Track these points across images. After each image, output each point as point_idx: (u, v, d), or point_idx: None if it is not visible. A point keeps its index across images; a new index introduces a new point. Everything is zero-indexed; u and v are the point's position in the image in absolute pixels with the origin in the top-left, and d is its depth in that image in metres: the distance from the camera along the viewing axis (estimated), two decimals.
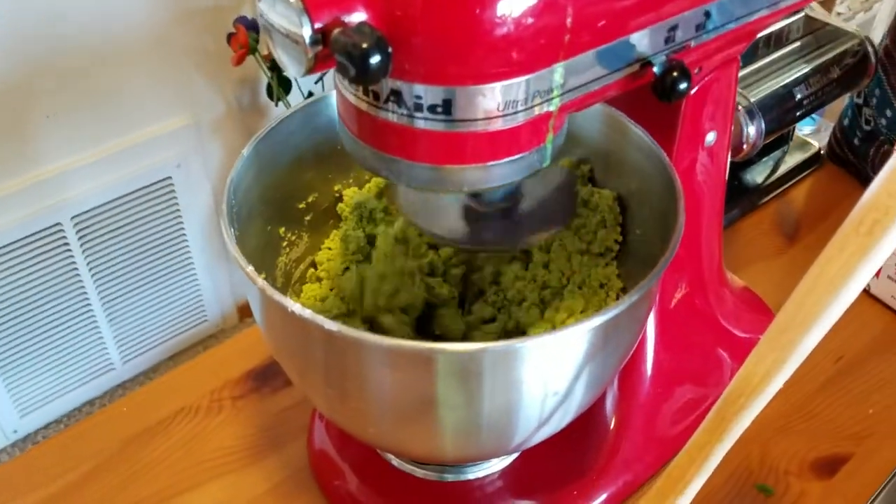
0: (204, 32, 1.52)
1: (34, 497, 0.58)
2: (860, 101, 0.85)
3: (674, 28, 0.44)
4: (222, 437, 0.62)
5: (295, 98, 1.57)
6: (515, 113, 0.39)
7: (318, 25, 0.35)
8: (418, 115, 0.39)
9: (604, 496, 0.58)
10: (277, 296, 0.41)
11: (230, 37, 1.46)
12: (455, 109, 0.38)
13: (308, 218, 0.59)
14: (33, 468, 0.60)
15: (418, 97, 0.38)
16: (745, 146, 0.72)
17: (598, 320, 0.41)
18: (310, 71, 0.37)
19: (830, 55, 0.78)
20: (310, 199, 0.58)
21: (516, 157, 0.41)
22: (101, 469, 0.60)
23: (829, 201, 0.86)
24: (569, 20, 0.38)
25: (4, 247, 1.43)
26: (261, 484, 0.59)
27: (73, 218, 1.50)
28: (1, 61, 1.31)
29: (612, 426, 0.60)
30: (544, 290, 0.55)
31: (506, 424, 0.45)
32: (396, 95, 0.38)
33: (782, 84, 0.74)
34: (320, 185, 0.59)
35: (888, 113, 0.81)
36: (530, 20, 0.37)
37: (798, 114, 0.75)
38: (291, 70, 0.37)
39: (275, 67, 1.50)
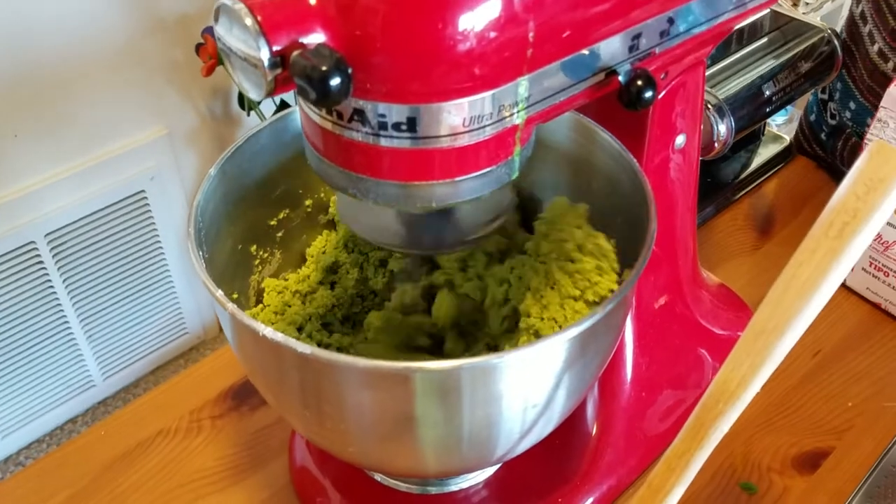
0: (173, 44, 1.51)
1: None
2: (825, 96, 0.86)
3: (637, 36, 0.44)
4: (203, 458, 0.62)
5: (267, 107, 1.56)
6: (481, 128, 0.39)
7: (276, 48, 0.35)
8: (383, 133, 0.38)
9: (588, 501, 0.58)
10: (248, 320, 0.41)
11: (199, 47, 1.44)
12: (420, 127, 0.38)
13: (280, 234, 0.58)
14: (12, 498, 0.59)
15: (382, 116, 0.38)
16: (716, 144, 0.72)
17: (574, 331, 0.40)
18: (270, 94, 0.36)
19: (798, 50, 0.78)
20: (281, 216, 0.58)
21: (484, 171, 0.41)
22: (80, 496, 0.59)
23: (802, 195, 0.86)
24: (531, 34, 0.38)
25: None
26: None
27: (46, 235, 1.48)
28: None
29: (594, 431, 0.60)
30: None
31: (487, 438, 0.44)
32: (360, 114, 0.38)
33: (751, 81, 0.74)
34: (291, 201, 0.58)
35: (852, 105, 0.81)
36: (492, 35, 0.36)
37: (768, 110, 0.76)
38: (251, 94, 0.37)
39: None
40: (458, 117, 0.38)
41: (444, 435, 0.44)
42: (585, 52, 0.42)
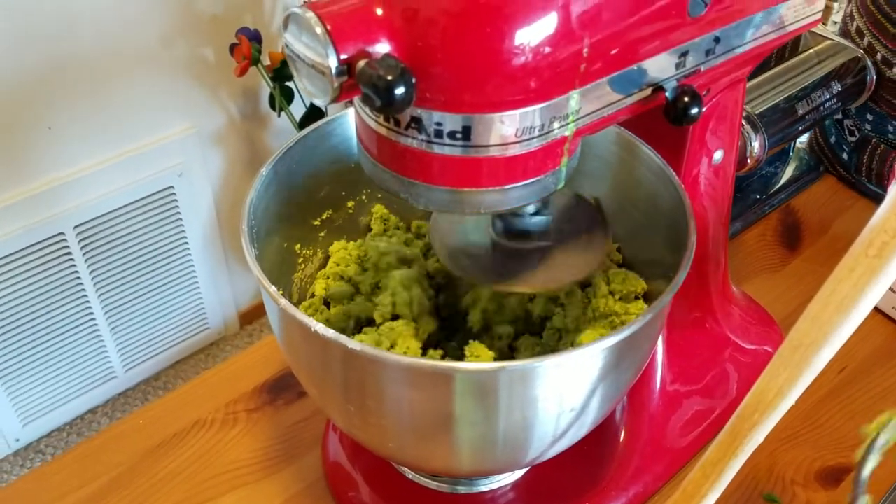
0: (206, 43, 1.53)
1: None
2: (839, 115, 0.87)
3: (685, 54, 0.45)
4: (238, 450, 0.63)
5: (296, 109, 1.58)
6: (532, 139, 0.40)
7: (343, 56, 0.37)
8: (438, 140, 0.40)
9: None
10: (300, 315, 0.42)
11: (233, 48, 1.47)
12: (474, 136, 0.39)
13: (322, 234, 0.60)
14: (51, 482, 0.61)
15: (438, 124, 0.39)
16: (749, 160, 0.73)
17: (612, 339, 0.42)
18: (335, 100, 0.38)
19: (831, 70, 0.79)
20: (324, 216, 0.59)
21: (532, 180, 0.42)
22: (118, 482, 0.61)
23: (830, 212, 0.87)
24: (585, 50, 0.39)
25: (7, 256, 1.44)
26: (276, 496, 0.60)
27: (75, 227, 1.51)
28: (4, 72, 1.32)
29: (622, 438, 0.61)
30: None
31: (521, 440, 0.46)
32: (417, 122, 0.40)
33: (785, 99, 0.75)
34: (334, 203, 0.60)
35: (869, 116, 0.83)
36: (548, 50, 0.38)
37: (800, 128, 0.77)
38: (317, 99, 0.39)
39: (277, 78, 1.51)
40: (511, 128, 0.39)
41: (480, 435, 0.45)
42: (634, 67, 0.43)
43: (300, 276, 0.58)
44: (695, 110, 0.44)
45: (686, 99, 0.44)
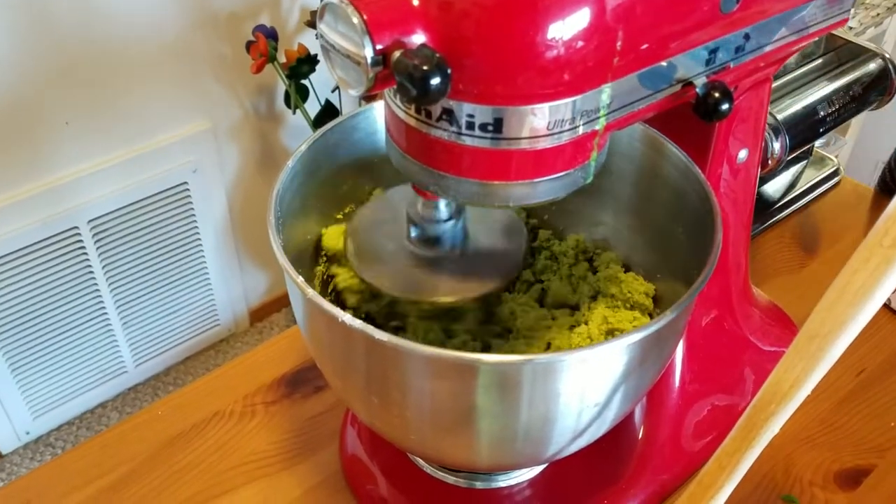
0: (222, 39, 1.54)
1: (71, 500, 0.59)
2: None
3: (715, 50, 0.45)
4: (256, 442, 0.63)
5: (311, 106, 1.58)
6: (563, 132, 0.40)
7: (379, 47, 0.37)
8: (469, 132, 0.40)
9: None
10: (328, 305, 0.42)
11: (249, 45, 1.47)
12: (505, 128, 0.40)
13: (345, 227, 0.60)
14: (70, 470, 0.61)
15: (470, 116, 0.39)
16: (770, 161, 0.73)
17: (637, 336, 0.42)
18: (369, 90, 0.38)
19: (852, 73, 0.79)
20: (346, 210, 0.59)
21: (562, 174, 0.42)
22: (138, 472, 0.61)
23: (849, 217, 0.87)
24: (618, 44, 0.39)
25: (21, 249, 1.45)
26: (294, 489, 0.60)
27: (89, 222, 1.51)
28: (22, 67, 1.33)
29: (640, 437, 0.61)
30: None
31: (542, 435, 0.46)
32: (448, 114, 0.40)
33: (806, 101, 0.75)
34: (357, 197, 0.60)
35: None
36: (581, 43, 0.38)
37: (821, 130, 0.77)
38: (351, 89, 0.39)
39: (293, 76, 1.51)
40: (543, 121, 0.40)
41: (501, 427, 0.45)
42: (665, 63, 0.43)
43: (322, 269, 0.58)
44: (725, 106, 0.44)
45: (717, 94, 0.44)
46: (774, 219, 0.85)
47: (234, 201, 1.74)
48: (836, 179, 0.91)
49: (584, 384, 0.43)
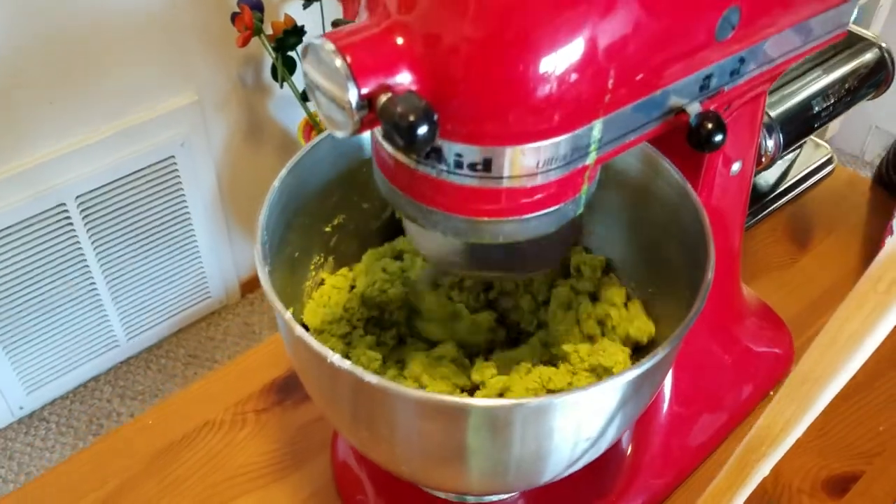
0: (208, 11, 1.51)
1: None
2: None
3: (709, 76, 0.44)
4: (248, 453, 0.63)
5: (299, 79, 1.56)
6: (553, 169, 0.39)
7: (364, 91, 0.36)
8: (458, 171, 0.39)
9: None
10: (317, 346, 0.42)
11: (234, 17, 1.44)
12: (494, 167, 0.39)
13: (334, 240, 0.59)
14: (61, 485, 0.61)
15: (459, 155, 0.38)
16: (763, 159, 0.72)
17: (631, 374, 0.41)
18: (356, 133, 0.37)
19: (848, 64, 0.78)
20: (335, 222, 0.58)
21: (552, 208, 0.42)
22: (128, 486, 0.61)
23: (842, 207, 0.86)
24: (611, 81, 0.38)
25: (9, 227, 1.44)
26: (287, 501, 0.60)
27: (77, 198, 1.50)
28: (3, 41, 1.30)
29: (630, 449, 0.61)
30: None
31: (536, 467, 0.45)
32: (437, 152, 0.39)
33: (801, 97, 0.74)
34: (346, 207, 0.59)
35: None
36: (573, 83, 0.37)
37: (815, 125, 0.75)
38: (337, 130, 0.37)
39: (280, 48, 1.49)
40: (533, 160, 0.39)
41: (493, 462, 0.45)
42: (658, 93, 0.42)
43: (311, 285, 0.58)
44: (718, 137, 0.43)
45: (709, 126, 0.43)
46: (766, 211, 0.85)
47: (222, 174, 1.72)
48: (830, 168, 0.90)
49: (578, 421, 0.43)
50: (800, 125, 0.74)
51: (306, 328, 0.56)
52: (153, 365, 1.79)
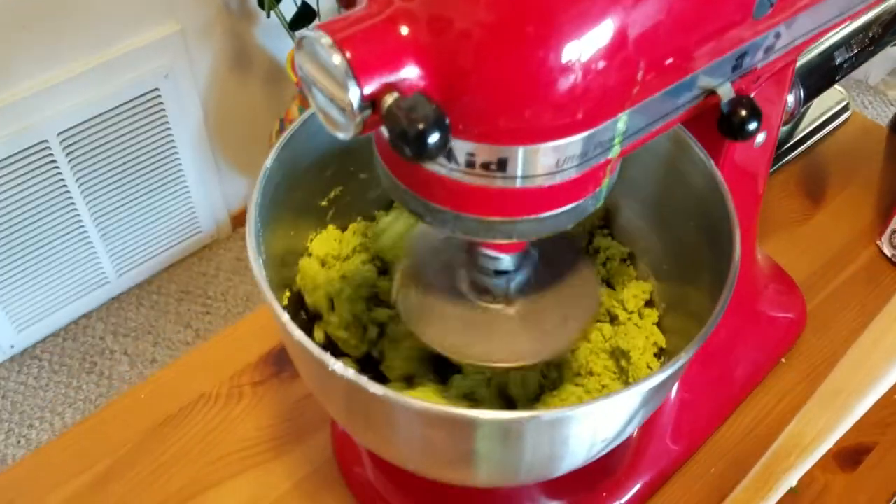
0: None
1: (56, 496, 0.58)
2: None
3: (742, 55, 0.40)
4: (245, 428, 0.61)
5: (286, 7, 1.49)
6: (573, 167, 0.36)
7: (367, 91, 0.32)
8: (469, 171, 0.36)
9: (633, 491, 0.58)
10: (318, 352, 0.39)
11: None
12: (510, 167, 0.35)
13: (331, 213, 0.56)
14: (54, 463, 0.59)
15: (471, 154, 0.35)
16: (783, 116, 0.68)
17: (650, 383, 0.39)
18: (358, 135, 0.33)
19: (871, 12, 0.73)
20: (332, 195, 0.55)
21: (571, 205, 0.38)
22: (122, 464, 0.59)
23: (857, 157, 0.83)
24: (640, 73, 0.35)
25: None
26: (284, 480, 0.59)
27: (59, 134, 1.45)
28: None
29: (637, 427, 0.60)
30: None
31: (548, 468, 0.44)
32: (448, 152, 0.35)
33: (822, 48, 0.70)
34: (343, 178, 0.55)
35: None
36: (600, 71, 0.33)
37: (837, 77, 0.71)
38: (337, 132, 0.34)
39: None
40: (553, 158, 0.35)
41: (503, 466, 0.43)
42: (688, 77, 0.38)
43: (306, 263, 0.55)
44: (753, 125, 0.39)
45: (743, 113, 0.39)
46: (779, 164, 0.81)
47: (208, 105, 1.66)
48: (845, 115, 0.86)
49: (595, 428, 0.41)
50: (821, 78, 0.70)
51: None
52: (145, 301, 1.76)
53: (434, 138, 0.31)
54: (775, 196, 0.79)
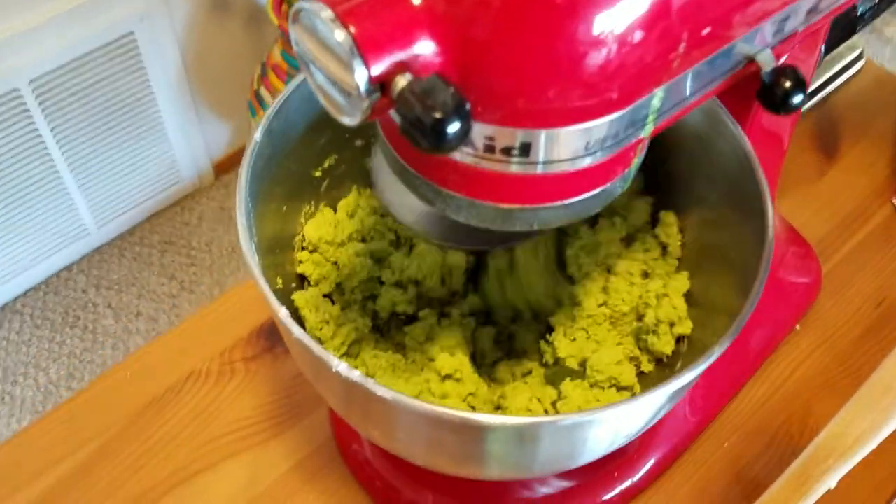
0: None
1: (39, 486, 0.54)
2: None
3: (785, 19, 0.36)
4: (238, 407, 0.58)
5: None
6: (603, 149, 0.32)
7: (375, 73, 0.28)
8: (488, 156, 0.32)
9: (644, 469, 0.56)
10: (320, 351, 0.36)
11: None
12: (533, 152, 0.31)
13: (325, 184, 0.52)
14: (37, 448, 0.56)
15: (490, 138, 0.31)
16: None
17: (674, 386, 0.36)
18: (366, 121, 0.29)
19: None
20: (326, 165, 0.51)
21: (598, 190, 0.35)
22: (108, 449, 0.56)
23: (872, 109, 0.79)
24: (682, 45, 0.31)
25: None
26: (283, 461, 0.56)
27: (31, 82, 1.38)
28: None
29: None
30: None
31: (565, 465, 0.41)
32: None
33: None
34: (337, 147, 0.51)
35: None
36: (637, 44, 0.29)
37: (859, 27, 0.67)
38: (342, 117, 0.30)
39: None
40: (581, 141, 0.32)
41: (517, 466, 0.40)
42: (729, 46, 0.34)
43: (301, 239, 0.51)
44: (798, 98, 0.35)
45: (787, 84, 0.35)
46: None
47: (187, 49, 1.59)
48: (859, 65, 0.82)
49: (616, 428, 0.38)
50: (842, 29, 0.66)
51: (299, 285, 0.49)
52: (127, 253, 1.72)
53: (454, 128, 0.27)
54: (788, 152, 0.76)
